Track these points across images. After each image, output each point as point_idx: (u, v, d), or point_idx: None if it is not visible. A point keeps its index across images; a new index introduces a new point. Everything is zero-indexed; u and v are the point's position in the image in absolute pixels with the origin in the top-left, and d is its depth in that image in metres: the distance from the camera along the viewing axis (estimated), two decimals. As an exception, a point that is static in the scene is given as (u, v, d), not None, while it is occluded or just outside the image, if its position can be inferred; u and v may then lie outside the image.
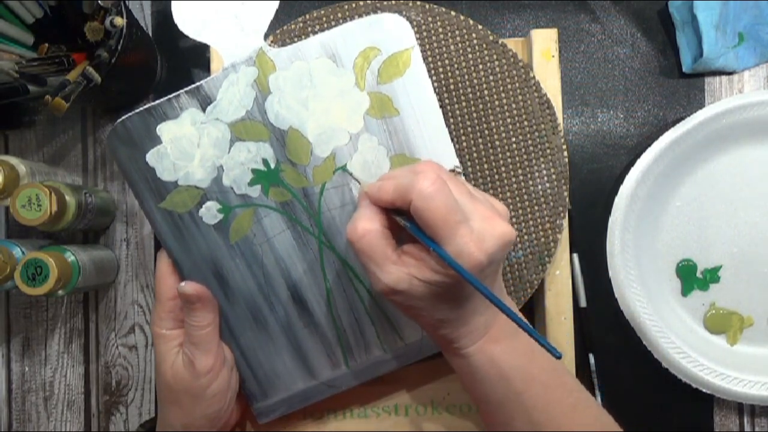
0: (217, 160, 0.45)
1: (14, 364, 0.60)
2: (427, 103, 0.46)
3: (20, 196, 0.49)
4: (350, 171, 0.46)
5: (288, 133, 0.45)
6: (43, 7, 0.54)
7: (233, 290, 0.47)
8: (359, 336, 0.48)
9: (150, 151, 0.45)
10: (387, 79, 0.45)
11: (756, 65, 0.60)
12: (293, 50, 0.45)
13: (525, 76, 0.52)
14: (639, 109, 0.60)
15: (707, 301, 0.59)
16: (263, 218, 0.46)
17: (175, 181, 0.45)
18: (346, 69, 0.45)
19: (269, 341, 0.48)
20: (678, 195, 0.58)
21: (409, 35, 0.45)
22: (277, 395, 0.49)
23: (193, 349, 0.45)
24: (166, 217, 0.46)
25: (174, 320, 0.46)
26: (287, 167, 0.46)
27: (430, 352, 0.49)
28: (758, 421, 0.59)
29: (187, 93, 0.45)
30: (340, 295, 0.47)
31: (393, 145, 0.46)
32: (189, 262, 0.46)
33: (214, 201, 0.46)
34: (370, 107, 0.45)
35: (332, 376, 0.49)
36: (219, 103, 0.45)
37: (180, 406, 0.46)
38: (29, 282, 0.49)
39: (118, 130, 0.45)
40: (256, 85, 0.45)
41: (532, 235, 0.52)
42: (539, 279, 0.52)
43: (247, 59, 0.45)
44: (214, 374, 0.46)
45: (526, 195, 0.52)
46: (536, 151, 0.52)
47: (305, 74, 0.45)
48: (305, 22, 0.51)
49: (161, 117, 0.45)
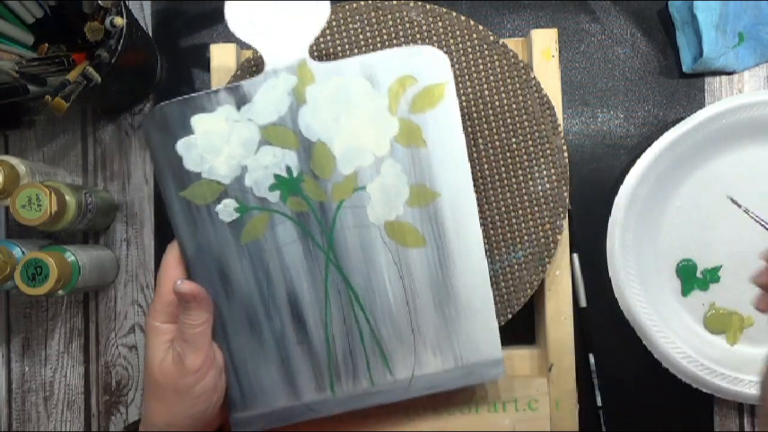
0: (243, 159, 0.46)
1: (14, 364, 0.60)
2: (454, 138, 0.46)
3: (20, 196, 0.49)
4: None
5: (316, 145, 0.46)
6: (43, 7, 0.54)
7: (234, 290, 0.47)
8: (349, 363, 0.48)
9: (181, 140, 0.45)
10: (419, 109, 0.46)
11: (756, 65, 0.60)
12: (334, 66, 0.45)
13: (525, 76, 0.52)
14: (639, 109, 0.60)
15: (707, 301, 0.59)
16: (277, 225, 0.46)
17: (199, 173, 0.46)
18: (381, 92, 0.46)
19: (260, 350, 0.48)
20: (678, 195, 0.58)
21: (446, 69, 0.46)
22: (258, 409, 0.48)
23: (184, 346, 0.45)
24: (184, 206, 0.46)
25: (169, 315, 0.46)
26: (309, 178, 0.46)
27: (418, 393, 0.49)
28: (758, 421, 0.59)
29: (227, 90, 0.45)
30: (338, 318, 0.47)
31: (415, 175, 0.46)
32: (196, 253, 0.46)
33: (232, 199, 0.46)
34: (399, 134, 0.46)
35: (315, 399, 0.48)
36: (254, 104, 0.45)
37: (164, 403, 0.46)
38: (29, 282, 0.49)
39: (156, 114, 0.45)
40: (293, 94, 0.45)
41: (532, 236, 0.52)
42: (539, 279, 0.52)
43: (289, 67, 0.45)
44: (202, 374, 0.45)
45: (526, 195, 0.52)
46: (536, 151, 0.52)
47: (342, 91, 0.45)
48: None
49: (198, 108, 0.45)
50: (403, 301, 0.47)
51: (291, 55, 0.45)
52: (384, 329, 0.48)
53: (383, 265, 0.47)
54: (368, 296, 0.47)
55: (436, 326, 0.48)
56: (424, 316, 0.48)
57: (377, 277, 0.47)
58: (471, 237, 0.47)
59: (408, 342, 0.48)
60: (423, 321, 0.48)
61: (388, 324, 0.48)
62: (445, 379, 0.48)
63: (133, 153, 0.60)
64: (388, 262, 0.47)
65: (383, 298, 0.47)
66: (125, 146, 0.60)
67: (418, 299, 0.47)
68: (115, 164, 0.60)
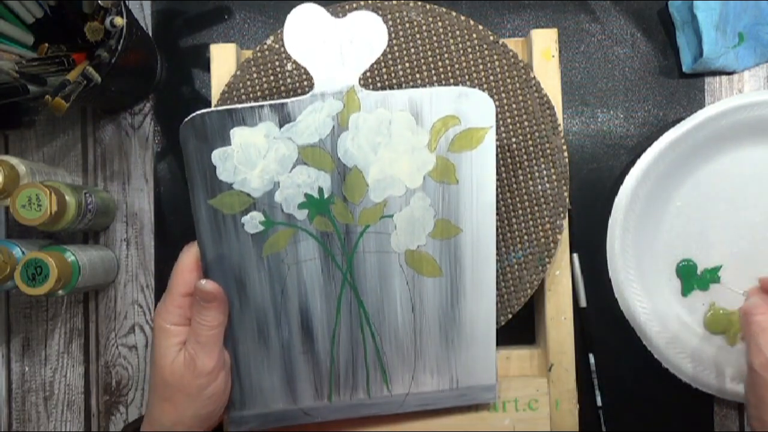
0: (277, 175, 0.46)
1: (14, 364, 0.60)
2: (486, 181, 0.47)
3: (20, 196, 0.49)
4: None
5: (351, 170, 0.46)
6: (43, 7, 0.54)
7: (249, 299, 0.48)
8: (350, 376, 0.50)
9: (217, 149, 0.46)
10: (458, 149, 0.47)
11: (756, 65, 0.60)
12: (382, 97, 0.46)
13: (525, 76, 0.52)
14: (639, 109, 0.60)
15: (707, 301, 0.59)
16: (300, 241, 0.47)
17: (231, 183, 0.46)
18: (424, 128, 0.46)
19: (265, 356, 0.49)
20: (678, 195, 0.58)
21: (491, 115, 0.46)
22: (255, 409, 0.49)
23: (198, 348, 0.45)
24: (211, 213, 0.47)
25: (181, 316, 0.46)
26: (338, 201, 0.47)
27: (411, 409, 0.51)
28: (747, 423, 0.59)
29: (271, 107, 0.45)
30: (346, 334, 0.49)
31: (442, 210, 0.47)
32: (216, 260, 0.47)
33: (260, 212, 0.47)
34: (433, 169, 0.47)
35: (312, 405, 0.50)
36: (297, 124, 0.46)
37: (173, 404, 0.46)
38: (29, 282, 0.49)
39: (196, 121, 0.46)
40: (337, 119, 0.46)
41: (532, 235, 0.52)
42: (539, 279, 0.53)
43: (337, 92, 0.46)
44: (214, 376, 0.46)
45: (526, 195, 0.52)
46: (536, 151, 0.52)
47: (385, 122, 0.46)
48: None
49: (239, 121, 0.46)
50: (411, 324, 0.49)
51: (341, 81, 0.46)
52: (388, 348, 0.49)
53: (397, 290, 0.48)
54: (378, 317, 0.49)
55: (437, 350, 0.50)
56: (428, 340, 0.49)
57: (390, 300, 0.49)
58: (486, 273, 0.49)
59: (409, 362, 0.50)
60: (426, 344, 0.50)
61: (393, 344, 0.49)
62: (439, 398, 0.51)
63: (133, 153, 0.60)
64: (402, 288, 0.48)
65: (392, 320, 0.49)
66: (125, 146, 0.60)
67: (425, 324, 0.49)
68: (115, 164, 0.60)
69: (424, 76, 0.52)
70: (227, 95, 0.52)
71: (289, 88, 0.52)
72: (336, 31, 0.46)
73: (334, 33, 0.46)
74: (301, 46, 0.46)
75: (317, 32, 0.46)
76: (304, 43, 0.46)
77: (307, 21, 0.45)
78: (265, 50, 0.52)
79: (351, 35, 0.46)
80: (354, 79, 0.46)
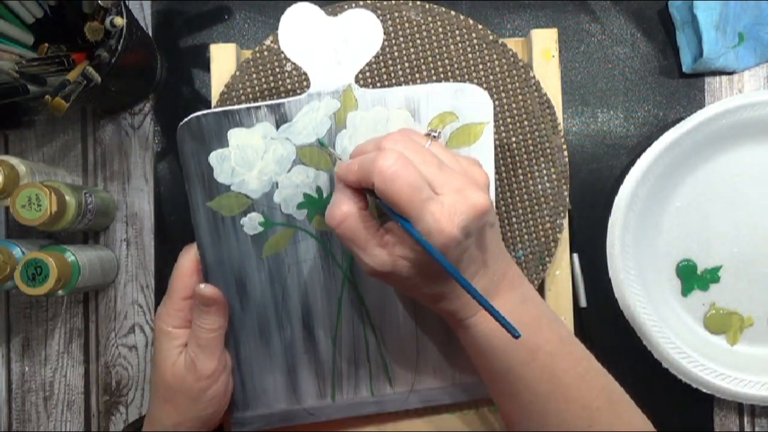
0: (275, 176, 0.46)
1: (14, 364, 0.60)
2: None
3: (20, 196, 0.49)
4: (329, 149, 0.46)
5: None
6: (43, 7, 0.54)
7: (250, 301, 0.48)
8: (352, 374, 0.50)
9: (214, 151, 0.46)
10: (456, 144, 0.47)
11: (756, 65, 0.60)
12: (379, 95, 0.46)
13: (525, 76, 0.52)
14: (639, 109, 0.60)
15: (707, 301, 0.59)
16: (300, 241, 0.47)
17: (229, 185, 0.46)
18: (421, 125, 0.46)
19: (267, 357, 0.49)
20: (678, 195, 0.58)
21: (488, 110, 0.46)
22: (259, 410, 0.49)
23: (198, 351, 0.45)
24: (209, 215, 0.47)
25: (181, 319, 0.46)
26: None
27: (414, 405, 0.51)
28: (758, 421, 0.59)
29: (268, 107, 0.46)
30: (347, 332, 0.49)
31: None
32: (216, 262, 0.47)
33: (259, 213, 0.47)
34: None
35: (315, 404, 0.50)
36: (294, 124, 0.46)
37: (174, 406, 0.46)
38: (29, 282, 0.49)
39: (192, 123, 0.45)
40: (334, 118, 0.46)
41: (532, 235, 0.52)
42: (539, 279, 0.53)
43: (334, 92, 0.46)
44: (215, 378, 0.46)
45: (526, 195, 0.52)
46: (536, 151, 0.52)
47: (382, 120, 0.46)
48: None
49: (236, 122, 0.46)
50: (413, 322, 0.49)
51: (338, 80, 0.46)
52: (390, 346, 0.49)
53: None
54: (380, 315, 0.49)
55: (439, 348, 0.50)
56: (429, 338, 0.49)
57: (391, 298, 0.49)
58: None
59: (411, 359, 0.50)
60: (428, 342, 0.50)
61: (395, 341, 0.49)
62: (441, 394, 0.51)
63: (133, 153, 0.60)
64: None
65: (393, 318, 0.49)
66: (125, 146, 0.60)
67: (427, 322, 0.49)
68: (115, 164, 0.60)
69: (424, 76, 0.52)
70: (226, 96, 0.52)
71: (289, 89, 0.52)
72: (331, 29, 0.46)
73: (329, 32, 0.46)
74: (297, 46, 0.46)
75: (312, 31, 0.46)
76: (299, 42, 0.46)
77: (301, 20, 0.45)
78: (264, 51, 0.52)
79: (346, 34, 0.46)
80: (350, 78, 0.46)
